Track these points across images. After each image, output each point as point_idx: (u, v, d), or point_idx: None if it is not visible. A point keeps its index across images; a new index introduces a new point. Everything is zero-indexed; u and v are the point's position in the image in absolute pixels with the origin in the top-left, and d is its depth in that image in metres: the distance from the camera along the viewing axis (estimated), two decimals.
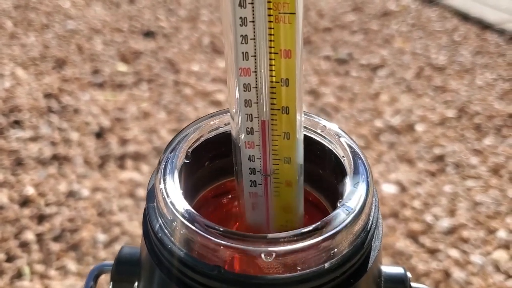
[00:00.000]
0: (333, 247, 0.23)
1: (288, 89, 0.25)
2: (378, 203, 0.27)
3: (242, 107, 0.26)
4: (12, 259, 0.96)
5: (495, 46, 1.73)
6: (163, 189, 0.25)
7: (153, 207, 0.26)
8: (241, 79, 0.25)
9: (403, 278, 0.30)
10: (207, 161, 0.30)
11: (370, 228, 0.26)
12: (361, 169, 0.26)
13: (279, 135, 0.27)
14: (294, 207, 0.29)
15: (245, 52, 0.25)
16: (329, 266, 0.23)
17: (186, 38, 1.75)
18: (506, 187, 1.15)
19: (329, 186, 0.30)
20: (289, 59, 0.25)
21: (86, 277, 0.31)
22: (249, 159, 0.28)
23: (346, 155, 0.28)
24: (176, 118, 1.34)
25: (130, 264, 0.30)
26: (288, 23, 0.24)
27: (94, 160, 1.19)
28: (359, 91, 1.48)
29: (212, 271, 0.23)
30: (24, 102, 1.37)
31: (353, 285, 0.25)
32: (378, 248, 0.27)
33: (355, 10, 2.00)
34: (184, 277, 0.24)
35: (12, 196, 1.08)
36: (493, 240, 1.03)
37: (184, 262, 0.24)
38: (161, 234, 0.25)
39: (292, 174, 0.28)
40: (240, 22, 0.24)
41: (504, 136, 1.32)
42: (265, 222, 0.29)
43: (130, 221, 1.04)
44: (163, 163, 0.27)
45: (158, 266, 0.25)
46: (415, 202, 1.11)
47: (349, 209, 0.24)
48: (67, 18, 1.83)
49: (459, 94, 1.48)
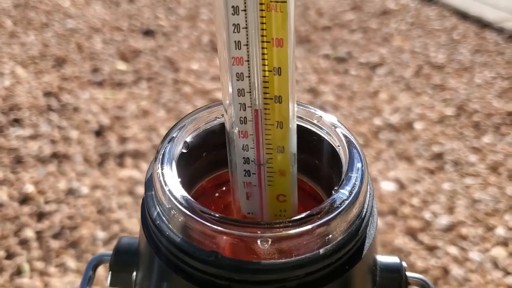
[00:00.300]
0: (328, 233, 0.24)
1: (280, 78, 0.26)
2: (373, 192, 0.28)
3: (235, 96, 0.26)
4: (12, 256, 0.97)
5: (494, 44, 1.74)
6: (161, 177, 0.25)
7: (151, 195, 0.26)
8: (234, 68, 0.26)
9: (398, 267, 0.30)
10: (205, 151, 0.31)
11: (365, 215, 0.26)
12: (356, 158, 0.27)
13: (272, 124, 0.27)
14: (288, 196, 0.29)
15: (237, 41, 0.25)
16: (324, 252, 0.24)
17: (185, 37, 1.75)
18: (504, 184, 1.16)
19: (325, 176, 0.30)
20: (281, 48, 0.25)
21: (85, 267, 0.31)
22: (243, 149, 0.28)
23: (342, 144, 0.28)
24: (176, 116, 1.34)
25: (128, 254, 0.31)
26: (279, 12, 0.24)
27: (94, 158, 1.19)
28: (358, 90, 1.49)
29: (209, 257, 0.23)
30: (24, 100, 1.37)
31: (348, 271, 0.25)
32: (373, 236, 0.27)
33: (354, 8, 2.01)
34: (182, 264, 0.24)
35: (12, 193, 1.09)
36: (492, 237, 1.03)
37: (182, 248, 0.24)
38: (159, 222, 0.25)
39: (286, 163, 0.28)
40: (232, 11, 0.24)
41: (503, 134, 1.32)
42: (259, 211, 0.30)
43: (129, 219, 1.05)
44: (161, 152, 0.27)
45: (157, 253, 0.26)
46: (414, 200, 1.11)
47: (344, 196, 0.25)
48: (66, 17, 1.83)
49: (458, 92, 1.48)
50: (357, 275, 0.26)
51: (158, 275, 0.27)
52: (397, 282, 0.30)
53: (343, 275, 0.25)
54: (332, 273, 0.25)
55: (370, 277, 0.28)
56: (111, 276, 0.31)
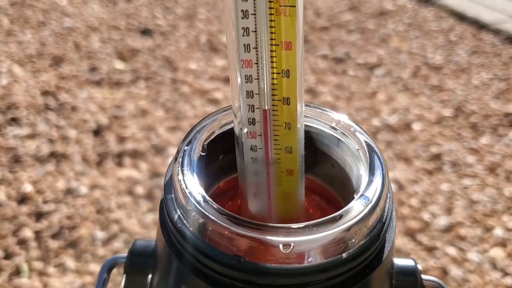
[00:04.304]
0: (350, 237, 0.24)
1: (288, 80, 0.26)
2: (392, 196, 0.28)
3: (244, 98, 0.27)
4: (11, 256, 0.96)
5: (491, 46, 1.75)
6: (181, 180, 0.25)
7: (171, 198, 0.26)
8: (243, 71, 0.26)
9: (413, 270, 0.30)
10: (221, 154, 0.31)
11: (386, 219, 0.26)
12: (377, 162, 0.27)
13: (280, 125, 0.27)
14: (296, 196, 0.29)
15: (246, 44, 0.25)
16: (346, 256, 0.24)
17: (183, 36, 1.75)
18: (502, 185, 1.16)
19: (342, 180, 0.30)
20: (290, 51, 0.25)
21: (99, 269, 0.31)
22: (251, 149, 0.28)
23: (361, 148, 0.28)
24: (174, 116, 1.34)
25: (144, 256, 0.30)
26: (288, 16, 0.24)
27: (92, 158, 1.19)
28: (356, 90, 1.49)
29: (231, 260, 0.23)
30: (21, 99, 1.36)
31: (369, 275, 0.25)
32: (392, 240, 0.27)
33: (352, 9, 2.01)
34: (202, 267, 0.24)
35: (10, 193, 1.08)
36: (490, 238, 1.04)
37: (203, 251, 0.24)
38: (180, 225, 0.25)
39: (293, 163, 0.28)
40: (241, 15, 0.24)
41: (500, 135, 1.33)
42: (267, 211, 0.30)
43: (128, 219, 1.04)
44: (181, 155, 0.27)
45: (177, 256, 0.25)
46: (413, 200, 1.11)
47: (367, 200, 0.25)
48: (64, 16, 1.82)
49: (455, 94, 1.49)
50: (377, 278, 0.26)
51: (177, 278, 0.26)
52: (412, 284, 0.30)
53: (364, 278, 0.25)
54: (353, 277, 0.25)
55: (388, 280, 0.28)
56: (126, 279, 0.31)
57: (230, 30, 0.25)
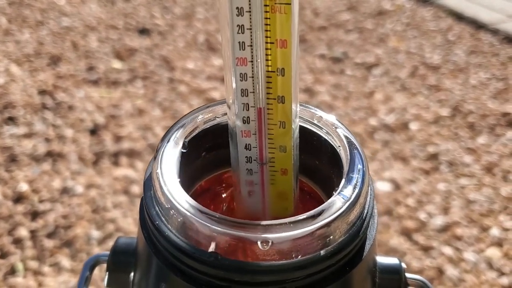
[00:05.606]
0: (329, 234, 0.24)
1: (283, 78, 0.26)
2: (373, 193, 0.27)
3: (238, 96, 0.26)
4: (6, 255, 0.96)
5: (489, 45, 1.74)
6: (160, 177, 0.25)
7: (150, 195, 0.26)
8: (238, 69, 0.26)
9: (397, 268, 0.30)
10: (204, 151, 0.30)
11: (366, 217, 0.26)
12: (357, 159, 0.26)
13: (274, 124, 0.27)
14: (290, 195, 0.29)
15: (241, 42, 0.25)
16: (324, 253, 0.24)
17: (181, 36, 1.74)
18: (499, 185, 1.16)
19: (325, 176, 0.30)
20: (285, 49, 0.25)
21: (82, 267, 0.31)
22: (246, 148, 0.28)
23: (342, 145, 0.28)
24: (171, 115, 1.34)
25: (126, 254, 0.30)
26: (284, 13, 0.24)
27: (89, 157, 1.19)
28: (353, 90, 1.49)
29: (209, 257, 0.23)
30: (18, 98, 1.36)
31: (349, 273, 0.25)
32: (373, 237, 0.27)
33: (350, 9, 2.01)
34: (181, 265, 0.24)
35: (6, 192, 1.08)
36: (486, 237, 1.04)
37: (181, 249, 0.24)
38: (158, 222, 0.25)
39: (288, 163, 0.28)
40: (236, 12, 0.24)
41: (498, 135, 1.32)
42: (261, 210, 0.30)
43: (124, 218, 1.04)
44: (160, 151, 0.27)
45: (155, 254, 0.25)
46: (409, 200, 1.11)
47: (345, 197, 0.24)
48: (62, 15, 1.82)
49: (453, 93, 1.49)
50: (358, 276, 0.26)
51: (156, 276, 0.26)
52: (396, 283, 0.30)
53: (344, 276, 0.25)
54: (333, 275, 0.25)
55: (370, 278, 0.28)
56: (108, 276, 0.31)
57: (225, 27, 0.25)
